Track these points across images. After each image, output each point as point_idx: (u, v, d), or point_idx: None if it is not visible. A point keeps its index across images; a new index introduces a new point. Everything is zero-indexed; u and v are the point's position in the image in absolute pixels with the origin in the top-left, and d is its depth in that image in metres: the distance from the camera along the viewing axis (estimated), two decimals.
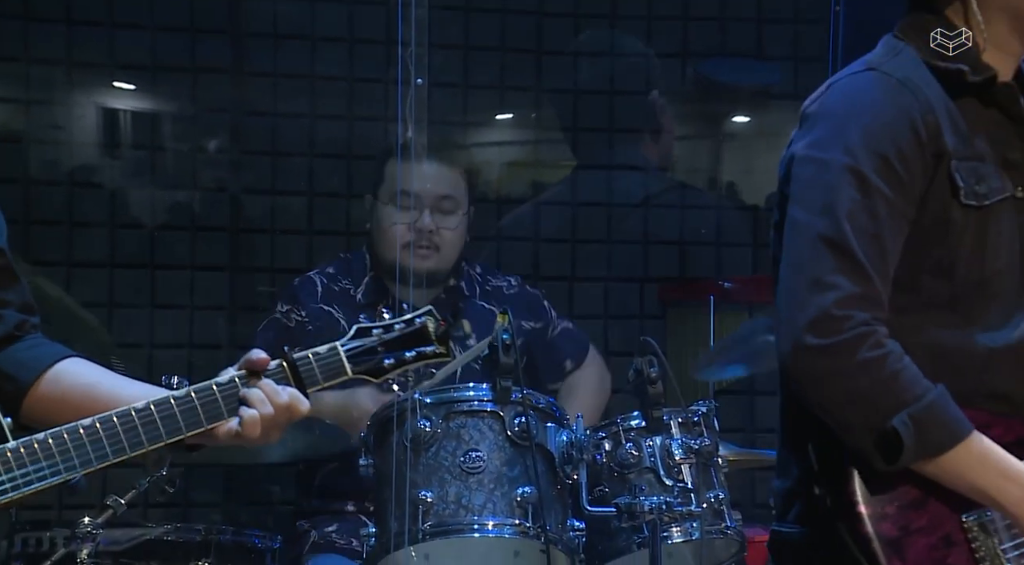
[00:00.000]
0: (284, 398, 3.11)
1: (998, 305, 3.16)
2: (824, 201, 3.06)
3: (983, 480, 3.03)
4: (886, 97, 3.13)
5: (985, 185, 3.13)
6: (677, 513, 4.55)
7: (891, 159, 3.06)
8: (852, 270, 3.00)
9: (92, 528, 4.60)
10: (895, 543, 3.02)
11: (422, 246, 5.43)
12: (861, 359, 2.96)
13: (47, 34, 6.46)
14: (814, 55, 6.77)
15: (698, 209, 6.96)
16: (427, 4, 4.56)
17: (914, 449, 2.95)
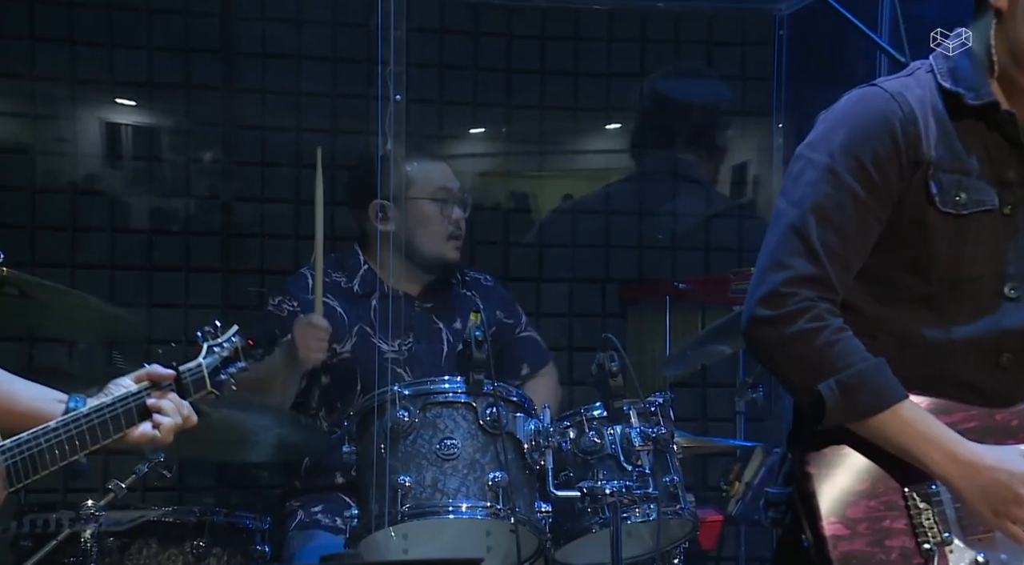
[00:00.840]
0: (186, 410, 3.33)
1: (970, 305, 3.20)
2: (800, 194, 3.17)
3: (909, 443, 3.09)
4: (873, 108, 3.21)
5: (966, 197, 3.18)
6: (636, 496, 4.57)
7: (866, 162, 3.15)
8: (807, 254, 3.10)
9: (95, 510, 4.57)
10: (838, 499, 3.08)
11: (457, 236, 5.53)
12: (798, 329, 3.06)
13: (52, 53, 6.44)
14: (760, 74, 6.79)
15: (654, 216, 6.96)
16: (405, 26, 4.57)
17: (839, 412, 3.05)
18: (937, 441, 3.09)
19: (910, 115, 3.19)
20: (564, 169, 7.15)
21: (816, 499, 3.07)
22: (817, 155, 3.19)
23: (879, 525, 3.08)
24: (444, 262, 5.53)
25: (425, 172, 5.55)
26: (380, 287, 5.48)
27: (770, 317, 3.08)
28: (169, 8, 6.54)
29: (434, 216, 5.52)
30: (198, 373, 3.37)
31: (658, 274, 6.77)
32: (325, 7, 6.60)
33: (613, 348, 4.65)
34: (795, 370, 3.10)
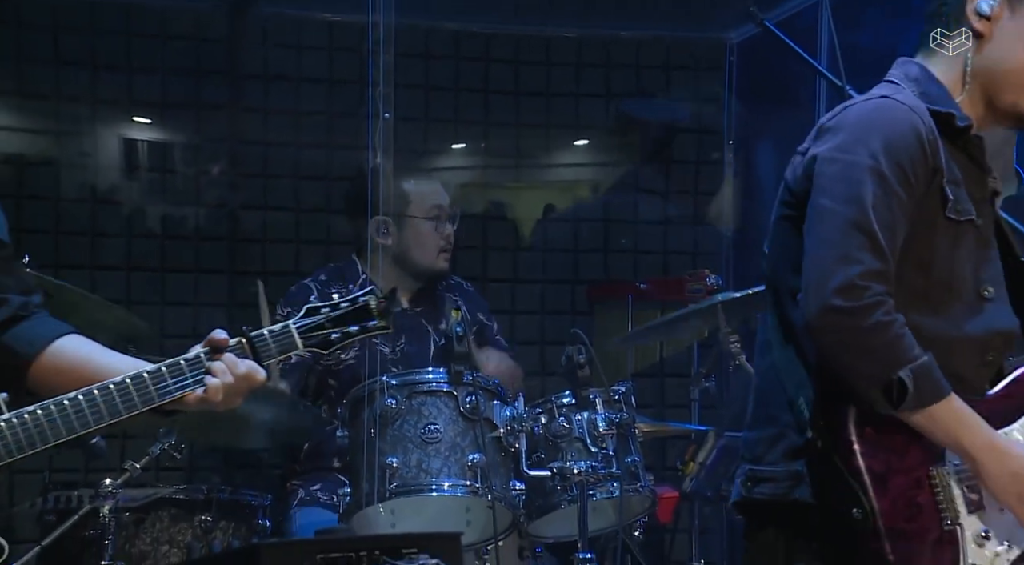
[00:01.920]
0: (242, 369, 3.08)
1: (959, 304, 3.19)
2: (851, 193, 3.08)
3: (956, 430, 3.06)
4: (901, 117, 3.15)
5: (961, 206, 3.18)
6: (601, 475, 4.58)
7: (905, 167, 3.10)
8: (874, 250, 3.03)
9: (112, 488, 4.57)
10: (881, 477, 3.03)
11: (447, 250, 5.52)
12: (876, 321, 2.99)
13: (75, 76, 6.43)
14: (713, 96, 6.80)
15: (620, 222, 6.97)
16: (393, 51, 4.56)
17: (915, 397, 3.00)
18: (979, 430, 3.07)
19: (930, 127, 3.16)
20: (538, 181, 7.15)
21: (865, 475, 3.02)
22: (859, 158, 3.10)
23: (913, 501, 3.05)
24: (435, 272, 5.51)
25: (420, 191, 5.53)
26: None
27: (849, 308, 2.99)
28: (181, 35, 6.54)
29: (428, 232, 5.50)
30: (283, 334, 3.13)
31: (621, 276, 6.77)
32: (321, 34, 6.60)
33: (581, 342, 4.66)
34: (873, 358, 3.01)
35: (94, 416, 3.00)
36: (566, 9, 6.69)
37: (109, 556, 4.52)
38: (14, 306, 3.20)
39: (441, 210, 5.51)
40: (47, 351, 3.18)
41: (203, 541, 4.71)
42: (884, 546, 2.99)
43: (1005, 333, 3.23)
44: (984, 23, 3.24)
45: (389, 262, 5.48)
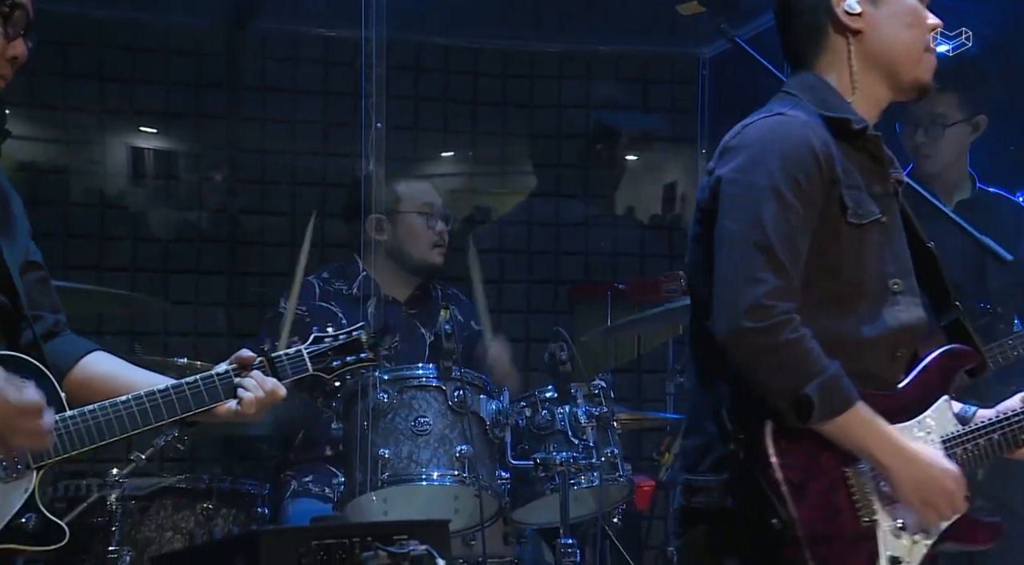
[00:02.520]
0: (269, 385, 3.24)
1: (868, 303, 3.17)
2: (751, 213, 3.07)
3: (865, 437, 3.05)
4: (795, 134, 3.13)
5: (863, 209, 3.16)
6: (581, 465, 4.58)
7: (800, 181, 3.07)
8: (776, 268, 3.02)
9: (119, 477, 4.57)
10: (798, 486, 3.03)
11: (440, 245, 5.52)
12: (784, 339, 2.98)
13: (83, 88, 6.43)
14: (687, 108, 6.81)
15: (600, 226, 6.98)
16: (385, 65, 4.56)
17: (821, 410, 2.99)
18: (886, 437, 3.07)
19: (823, 139, 3.14)
20: (522, 187, 7.15)
21: (782, 486, 3.01)
22: (758, 178, 3.08)
23: (829, 504, 3.04)
24: (429, 266, 5.54)
25: (412, 190, 5.57)
26: (376, 291, 5.47)
27: (760, 328, 2.97)
28: (183, 49, 6.54)
29: (420, 227, 5.53)
30: (296, 357, 3.34)
31: (601, 277, 6.77)
32: (316, 48, 6.60)
33: (563, 340, 4.67)
34: (781, 375, 3.00)
35: (142, 418, 3.14)
36: (549, 25, 6.70)
37: (116, 541, 4.51)
38: (48, 323, 3.27)
39: (432, 207, 5.54)
40: (78, 366, 3.27)
41: (205, 528, 4.71)
42: (804, 553, 2.99)
43: (911, 328, 3.21)
44: (857, 20, 3.23)
45: (385, 259, 5.50)
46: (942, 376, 3.23)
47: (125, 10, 6.34)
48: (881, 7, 3.23)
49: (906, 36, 3.24)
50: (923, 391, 3.21)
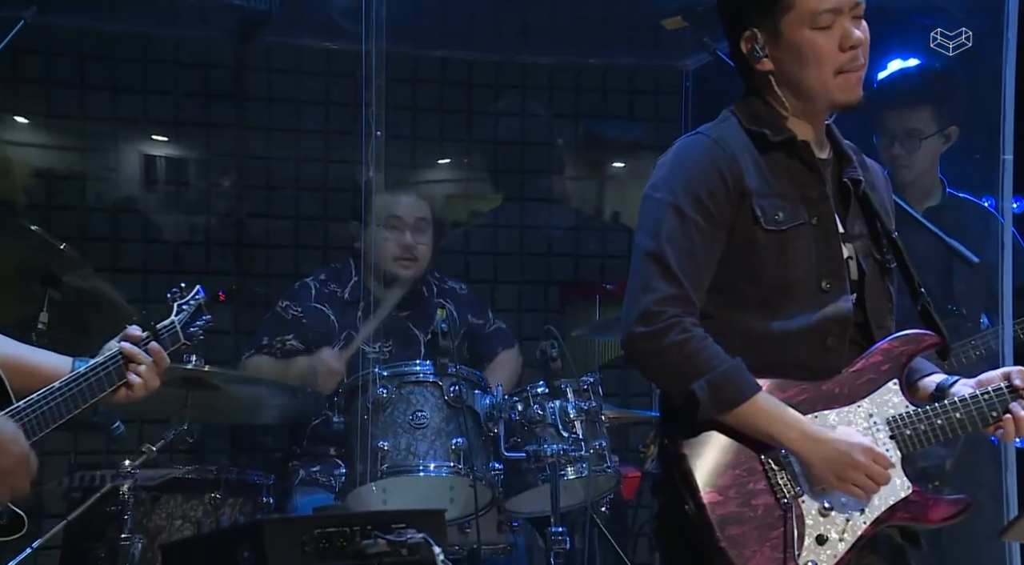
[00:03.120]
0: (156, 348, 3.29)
1: (797, 302, 3.18)
2: (653, 228, 3.14)
3: (767, 426, 3.08)
4: (702, 152, 3.20)
5: (783, 215, 3.18)
6: (571, 457, 4.59)
7: (702, 197, 3.13)
8: (668, 278, 3.08)
9: (131, 468, 4.57)
10: (710, 473, 3.07)
11: (406, 258, 5.41)
12: (670, 341, 3.04)
13: (98, 99, 6.40)
14: (671, 117, 6.81)
15: (589, 230, 6.97)
16: (384, 76, 4.55)
17: (710, 406, 3.04)
18: (790, 422, 3.09)
19: (731, 155, 3.18)
20: (514, 193, 7.14)
21: (692, 475, 3.06)
22: (662, 195, 3.16)
23: (745, 488, 3.07)
24: (396, 278, 5.42)
25: (385, 202, 5.45)
26: (365, 295, 5.45)
27: (646, 333, 3.05)
28: (192, 62, 6.52)
29: (383, 240, 5.45)
30: (172, 329, 3.36)
31: (590, 278, 6.76)
32: (319, 61, 6.58)
33: (554, 338, 4.68)
34: (670, 375, 3.08)
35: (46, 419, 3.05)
36: (540, 39, 6.69)
37: (128, 529, 4.51)
38: None
39: (399, 221, 5.45)
40: None
41: (212, 517, 4.71)
42: (714, 534, 3.02)
43: (838, 318, 3.20)
44: (764, 62, 3.24)
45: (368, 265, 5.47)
46: (890, 360, 3.22)
47: (138, 25, 6.32)
48: (781, 48, 3.22)
49: (807, 73, 3.21)
50: (866, 376, 3.20)
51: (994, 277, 4.70)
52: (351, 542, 2.92)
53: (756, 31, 3.22)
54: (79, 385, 3.10)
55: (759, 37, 3.22)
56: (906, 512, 3.15)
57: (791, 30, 3.19)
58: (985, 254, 4.57)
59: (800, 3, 3.17)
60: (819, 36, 3.19)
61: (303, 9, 6.20)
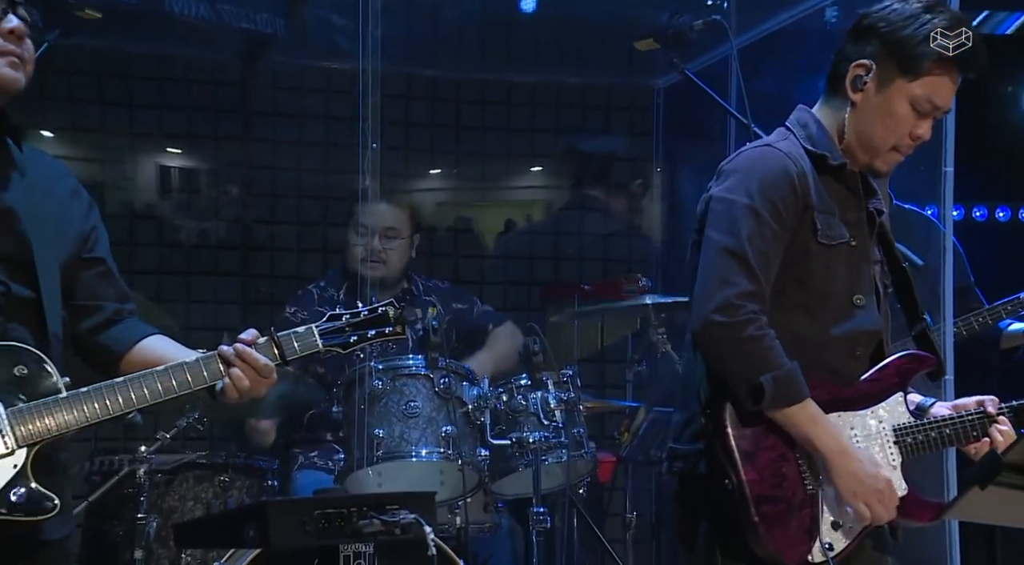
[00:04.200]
0: (261, 362, 3.02)
1: (835, 311, 3.22)
2: (732, 227, 3.13)
3: (809, 429, 3.11)
4: (776, 163, 3.21)
5: (834, 232, 3.22)
6: (552, 443, 4.60)
7: (776, 203, 3.15)
8: (748, 274, 3.09)
9: (147, 454, 4.59)
10: (749, 454, 3.10)
11: (373, 261, 5.40)
12: (748, 335, 3.05)
13: (116, 114, 6.40)
14: (644, 131, 6.82)
15: (568, 235, 6.98)
16: (380, 93, 4.55)
17: (771, 399, 3.06)
18: (829, 433, 3.12)
19: (801, 170, 3.21)
20: (499, 201, 7.15)
21: (735, 453, 3.08)
22: (739, 198, 3.15)
23: (778, 471, 3.11)
24: (361, 278, 5.40)
25: (360, 211, 5.45)
26: (357, 298, 5.45)
27: (727, 322, 3.04)
28: (203, 79, 6.52)
29: (353, 245, 5.47)
30: (306, 334, 3.05)
31: (569, 278, 6.77)
32: (320, 79, 6.58)
33: (536, 334, 4.69)
34: (744, 364, 3.07)
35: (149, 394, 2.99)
36: (523, 59, 6.70)
37: (144, 510, 4.53)
38: (108, 312, 3.20)
39: (366, 228, 5.43)
40: (134, 349, 3.19)
41: (221, 498, 4.71)
42: (750, 509, 3.06)
43: (870, 332, 3.27)
44: (857, 94, 3.26)
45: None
46: (899, 375, 3.29)
47: (152, 46, 6.32)
48: (879, 97, 3.24)
49: (878, 130, 3.26)
50: (880, 386, 3.27)
51: (936, 279, 4.73)
52: (348, 522, 2.92)
53: (875, 68, 3.22)
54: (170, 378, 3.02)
55: (872, 74, 3.23)
56: (901, 510, 3.20)
57: (897, 92, 3.22)
58: (929, 258, 4.59)
59: (922, 82, 3.20)
60: (909, 114, 3.23)
61: (305, 31, 6.21)
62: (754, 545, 3.08)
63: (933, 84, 3.21)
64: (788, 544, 3.08)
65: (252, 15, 6.10)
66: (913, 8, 3.22)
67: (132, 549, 4.49)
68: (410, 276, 5.59)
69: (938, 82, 3.22)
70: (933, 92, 3.22)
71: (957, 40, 3.18)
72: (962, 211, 6.13)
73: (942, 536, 4.63)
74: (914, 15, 3.21)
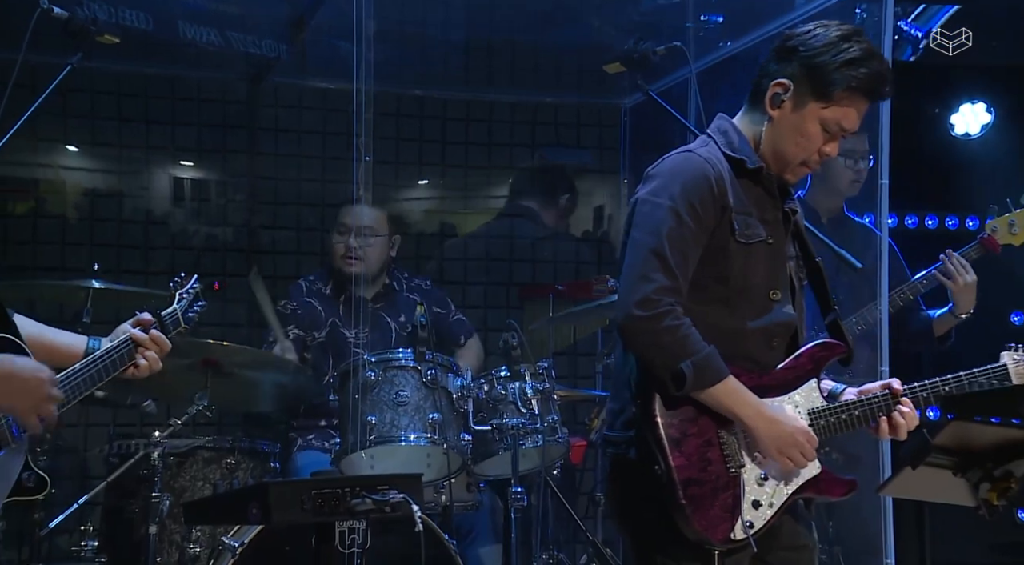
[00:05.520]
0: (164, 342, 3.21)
1: (752, 305, 3.21)
2: (653, 227, 3.11)
3: (732, 404, 3.10)
4: (696, 168, 3.18)
5: (751, 231, 3.20)
6: (528, 429, 4.60)
7: (695, 205, 3.12)
8: (666, 271, 3.07)
9: (161, 438, 4.58)
10: (677, 440, 3.09)
11: (350, 257, 5.38)
12: (666, 325, 3.03)
13: (133, 129, 6.40)
14: (612, 146, 6.83)
15: (544, 240, 6.98)
16: (372, 110, 4.55)
17: (693, 383, 3.04)
18: (750, 403, 3.11)
19: (719, 174, 3.18)
20: (480, 209, 7.15)
21: (664, 440, 3.07)
22: (661, 200, 3.13)
23: (704, 455, 3.10)
24: (340, 274, 5.42)
25: (339, 212, 5.46)
26: (344, 290, 5.45)
27: (645, 316, 3.02)
28: (212, 98, 6.52)
29: (333, 243, 5.46)
30: (174, 316, 3.28)
31: (545, 279, 6.77)
32: (317, 98, 6.58)
33: (514, 330, 4.68)
34: (662, 353, 3.05)
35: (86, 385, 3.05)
36: (503, 81, 6.70)
37: (158, 489, 4.52)
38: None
39: (345, 227, 5.41)
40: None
41: (228, 479, 4.71)
42: (678, 492, 3.04)
43: (785, 324, 3.25)
44: (775, 110, 3.24)
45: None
46: (813, 363, 3.28)
47: (166, 68, 6.32)
48: (794, 116, 3.22)
49: (790, 147, 3.25)
50: (796, 373, 3.26)
51: (874, 279, 4.76)
52: (343, 501, 2.91)
53: (793, 88, 3.21)
54: (96, 366, 3.05)
55: (790, 94, 3.21)
56: (815, 487, 3.21)
57: (810, 113, 3.20)
58: (867, 261, 4.61)
59: (834, 109, 3.19)
60: (819, 134, 3.22)
61: (304, 56, 6.21)
62: (682, 525, 3.06)
63: (843, 110, 3.20)
64: (713, 523, 3.06)
65: (257, 41, 6.09)
66: (832, 36, 3.19)
67: (147, 524, 4.48)
68: (392, 273, 5.59)
69: (847, 108, 3.20)
70: (842, 117, 3.21)
71: (867, 71, 3.17)
72: (896, 219, 6.16)
73: (877, 512, 4.65)
74: (832, 43, 3.18)
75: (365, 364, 4.53)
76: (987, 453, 2.84)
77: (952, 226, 6.35)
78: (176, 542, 4.61)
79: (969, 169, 6.40)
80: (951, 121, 6.48)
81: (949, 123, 6.48)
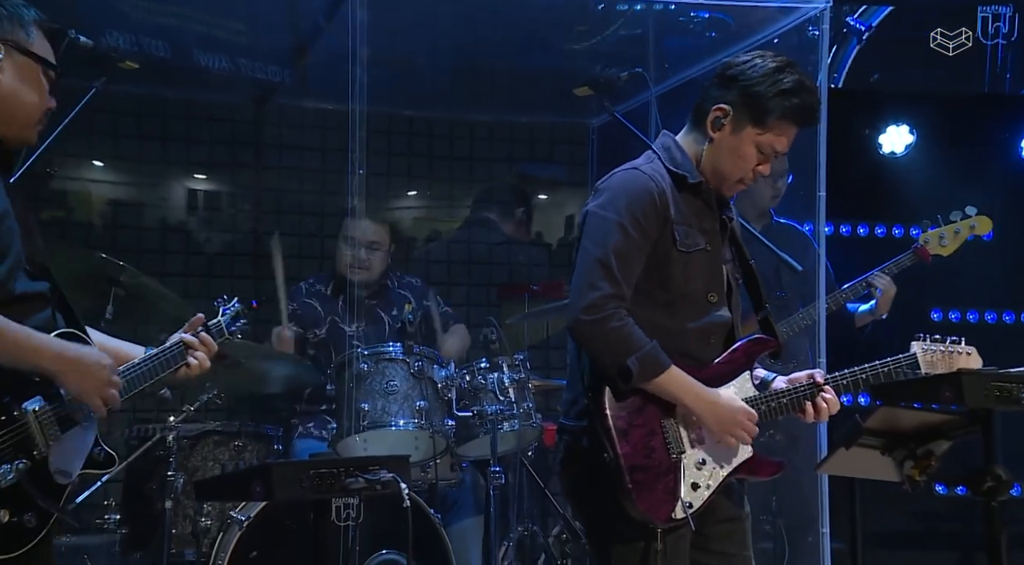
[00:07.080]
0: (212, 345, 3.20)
1: (692, 308, 3.19)
2: (601, 238, 3.10)
3: (676, 391, 3.10)
4: (640, 183, 3.16)
5: (691, 240, 3.18)
6: (506, 415, 4.61)
7: (639, 218, 3.11)
8: (611, 279, 3.05)
9: (175, 423, 4.57)
10: (624, 431, 3.08)
11: (360, 267, 5.37)
12: (610, 327, 3.03)
13: (151, 145, 6.41)
14: (581, 162, 6.83)
15: (520, 245, 6.99)
16: (366, 129, 4.55)
17: (639, 376, 3.04)
18: (692, 389, 3.11)
19: (661, 189, 3.17)
20: (463, 217, 7.15)
21: (612, 430, 3.06)
22: (609, 214, 3.12)
23: (648, 444, 3.09)
24: (351, 282, 5.37)
25: (349, 224, 5.40)
26: (342, 291, 5.44)
27: (591, 320, 3.02)
28: (222, 117, 6.52)
29: (340, 251, 5.44)
30: (219, 326, 3.27)
31: (521, 280, 6.78)
32: (317, 117, 6.58)
33: (493, 325, 4.69)
34: (610, 352, 3.04)
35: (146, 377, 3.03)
36: (484, 103, 6.70)
37: (173, 469, 4.53)
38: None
39: (354, 240, 5.37)
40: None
41: (236, 459, 4.71)
42: (624, 478, 3.03)
43: (722, 324, 3.24)
44: (715, 132, 3.23)
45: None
46: (747, 356, 3.27)
47: (182, 91, 6.31)
48: (732, 139, 3.20)
49: (728, 166, 3.24)
50: (732, 367, 3.25)
51: (812, 281, 4.79)
52: (338, 480, 2.91)
53: (733, 114, 3.19)
54: (150, 363, 3.06)
55: (730, 118, 3.19)
56: (747, 469, 3.21)
57: (747, 137, 3.19)
58: (805, 265, 4.63)
59: (768, 136, 3.18)
60: (754, 156, 3.21)
61: (306, 80, 6.20)
62: (628, 507, 3.05)
63: (777, 135, 3.20)
64: (656, 505, 3.06)
65: (263, 67, 6.09)
66: (768, 67, 3.18)
67: (163, 501, 4.49)
68: (387, 274, 5.58)
69: (780, 135, 3.20)
70: (775, 141, 3.21)
71: (799, 102, 3.16)
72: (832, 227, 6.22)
73: (815, 488, 4.68)
74: (768, 73, 3.17)
75: (359, 357, 4.54)
76: (911, 435, 2.85)
77: (881, 234, 6.46)
78: (189, 516, 4.61)
79: (896, 183, 6.53)
80: (879, 141, 6.65)
81: (878, 142, 6.65)
